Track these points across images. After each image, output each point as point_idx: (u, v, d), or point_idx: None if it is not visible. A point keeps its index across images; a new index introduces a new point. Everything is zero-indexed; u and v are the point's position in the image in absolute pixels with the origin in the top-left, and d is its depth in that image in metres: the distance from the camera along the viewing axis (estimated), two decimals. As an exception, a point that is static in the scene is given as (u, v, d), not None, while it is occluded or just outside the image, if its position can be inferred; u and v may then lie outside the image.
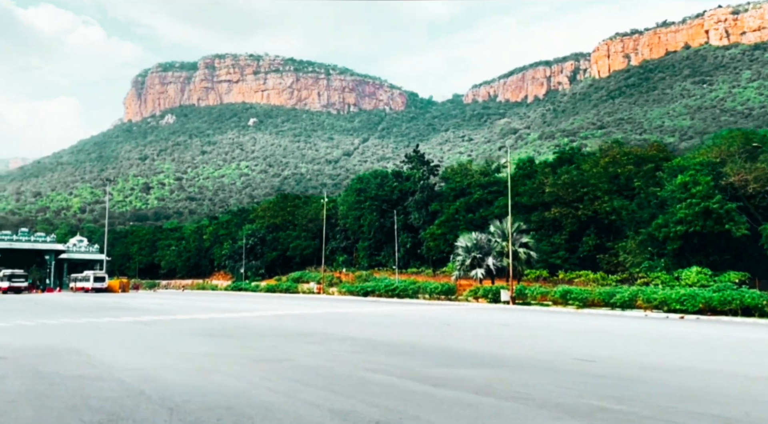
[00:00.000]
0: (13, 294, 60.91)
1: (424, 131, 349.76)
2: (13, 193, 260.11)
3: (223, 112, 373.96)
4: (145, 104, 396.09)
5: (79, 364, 10.04)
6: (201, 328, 18.17)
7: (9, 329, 17.60)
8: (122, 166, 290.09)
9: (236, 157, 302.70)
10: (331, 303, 39.60)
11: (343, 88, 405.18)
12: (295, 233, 74.83)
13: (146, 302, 39.54)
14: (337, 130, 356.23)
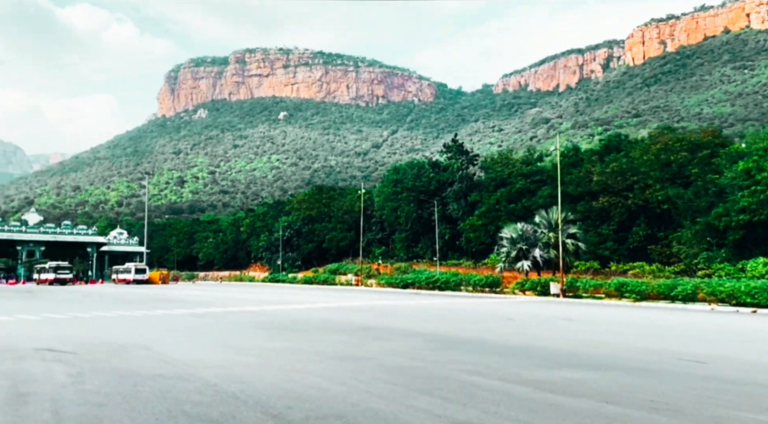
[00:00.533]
0: (59, 285, 62.14)
1: (454, 122, 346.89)
2: (54, 188, 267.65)
3: (253, 106, 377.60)
4: (178, 99, 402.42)
5: (153, 361, 9.48)
6: (257, 321, 17.64)
7: (66, 320, 17.38)
8: (157, 161, 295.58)
9: (267, 150, 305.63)
10: (373, 295, 38.96)
11: (371, 80, 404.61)
12: (331, 225, 74.51)
13: (190, 294, 39.59)
14: (366, 123, 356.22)
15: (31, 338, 12.74)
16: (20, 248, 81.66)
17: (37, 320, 18.01)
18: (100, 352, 10.49)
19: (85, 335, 13.31)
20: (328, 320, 18.07)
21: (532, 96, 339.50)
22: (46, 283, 65.45)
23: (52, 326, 15.89)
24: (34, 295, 38.08)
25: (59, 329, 14.80)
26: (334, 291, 46.81)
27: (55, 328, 15.22)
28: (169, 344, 11.85)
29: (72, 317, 18.92)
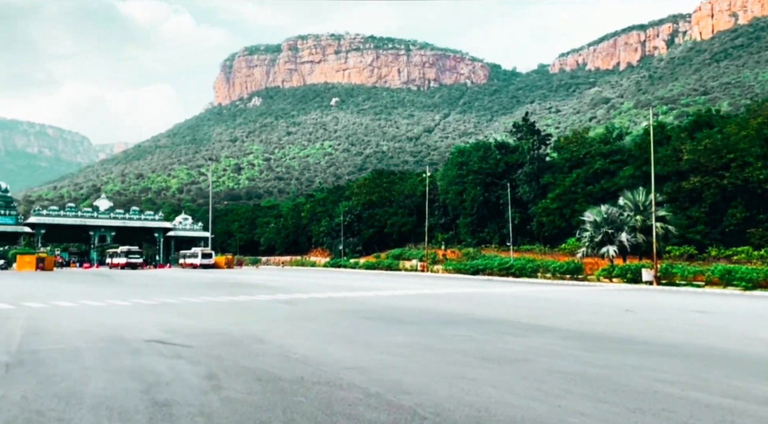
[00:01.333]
0: (130, 269, 63.77)
1: (508, 104, 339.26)
2: (118, 176, 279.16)
3: (306, 93, 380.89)
4: (233, 88, 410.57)
5: (281, 358, 8.24)
6: (352, 309, 16.40)
7: (158, 307, 16.69)
8: (214, 148, 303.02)
9: (320, 137, 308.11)
10: (445, 282, 37.38)
11: (423, 63, 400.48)
12: (392, 210, 73.24)
13: (261, 279, 39.20)
14: (417, 107, 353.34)
15: (132, 326, 11.88)
16: (92, 233, 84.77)
17: (128, 305, 17.43)
18: (216, 345, 9.38)
19: (188, 324, 12.35)
20: (425, 310, 16.62)
21: (590, 75, 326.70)
22: (118, 267, 67.44)
23: (147, 312, 15.15)
24: (112, 279, 38.66)
25: (156, 316, 13.99)
26: (402, 277, 45.54)
27: (151, 315, 14.43)
28: (283, 336, 10.65)
29: (161, 303, 18.28)
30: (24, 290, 25.00)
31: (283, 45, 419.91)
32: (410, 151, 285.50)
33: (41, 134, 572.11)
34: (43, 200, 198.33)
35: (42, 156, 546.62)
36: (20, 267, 57.27)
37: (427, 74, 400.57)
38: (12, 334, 10.56)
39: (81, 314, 14.65)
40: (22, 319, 13.11)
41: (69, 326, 11.82)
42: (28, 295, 21.84)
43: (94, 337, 10.27)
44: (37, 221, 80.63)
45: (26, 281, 34.21)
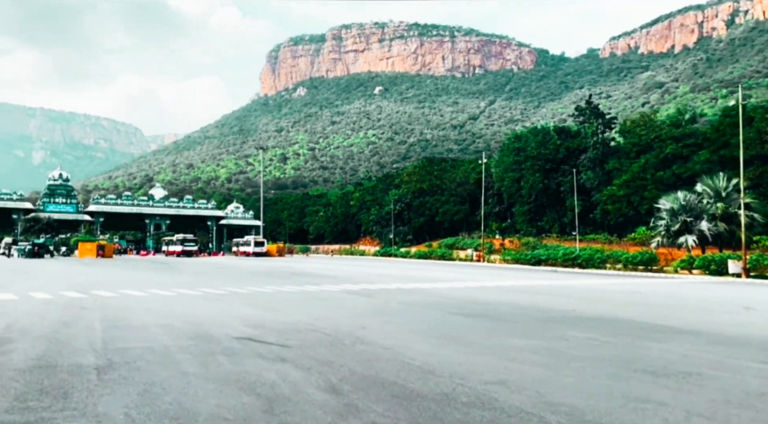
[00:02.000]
0: (185, 257, 64.54)
1: (556, 90, 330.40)
2: (169, 166, 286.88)
3: (350, 82, 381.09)
4: (279, 78, 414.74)
5: (398, 364, 6.99)
6: (433, 303, 15.09)
7: (229, 297, 15.84)
8: (261, 138, 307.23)
9: (363, 126, 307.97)
10: (509, 273, 35.64)
11: (468, 49, 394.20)
12: (444, 198, 71.52)
13: (317, 267, 38.48)
14: (462, 94, 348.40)
15: (213, 320, 10.92)
16: (148, 221, 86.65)
17: (197, 295, 16.67)
18: (315, 345, 8.23)
19: (270, 318, 11.30)
20: (515, 305, 15.13)
21: (643, 59, 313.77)
22: (174, 254, 68.44)
23: (220, 303, 14.27)
24: (172, 266, 38.70)
25: (231, 308, 13.06)
26: (459, 267, 44.01)
27: (225, 306, 13.53)
28: (382, 334, 9.43)
29: (229, 292, 17.47)
30: (90, 278, 24.88)
31: (327, 34, 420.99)
32: (455, 139, 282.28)
33: (97, 126, 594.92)
34: (100, 190, 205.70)
35: (98, 147, 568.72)
36: (82, 254, 58.73)
37: (472, 61, 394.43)
38: (92, 327, 9.74)
39: (154, 304, 13.90)
40: (97, 309, 12.40)
41: (148, 318, 10.97)
42: (95, 283, 21.55)
43: (179, 332, 9.33)
44: (96, 209, 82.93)
45: (90, 268, 34.52)
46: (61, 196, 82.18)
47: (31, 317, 10.97)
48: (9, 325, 9.88)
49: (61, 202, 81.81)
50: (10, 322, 10.24)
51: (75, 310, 12.29)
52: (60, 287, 19.21)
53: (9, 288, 18.30)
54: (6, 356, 7.19)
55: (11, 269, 31.90)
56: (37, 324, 9.97)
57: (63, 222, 79.51)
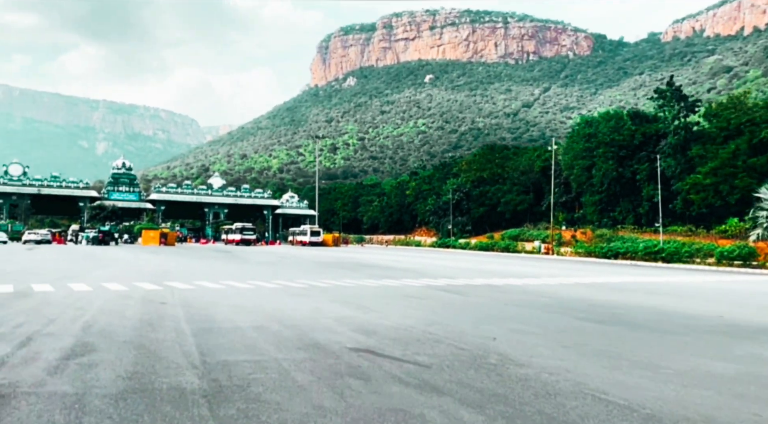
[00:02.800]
0: (244, 246, 64.56)
1: (614, 76, 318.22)
2: (224, 156, 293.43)
3: (399, 71, 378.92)
4: (329, 68, 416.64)
5: (594, 402, 5.18)
6: (543, 304, 13.15)
7: (309, 291, 14.41)
8: (311, 129, 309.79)
9: (413, 115, 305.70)
10: (591, 267, 33.07)
11: (521, 35, 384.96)
12: (506, 187, 68.64)
13: (381, 259, 37.00)
14: (515, 81, 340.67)
15: (314, 323, 9.37)
16: (207, 209, 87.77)
17: (277, 288, 15.32)
18: (457, 365, 6.49)
19: (375, 322, 9.66)
20: (644, 307, 12.97)
21: (709, 42, 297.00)
22: (233, 243, 68.69)
23: (309, 300, 12.80)
24: (235, 255, 38.07)
25: (326, 307, 11.53)
26: (529, 260, 41.57)
27: (318, 304, 12.02)
28: (524, 350, 7.61)
29: (309, 286, 16.06)
30: (159, 266, 24.18)
31: (377, 23, 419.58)
32: (508, 127, 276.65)
33: (155, 118, 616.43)
34: (159, 179, 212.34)
35: (156, 138, 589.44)
36: (145, 241, 59.55)
37: (525, 47, 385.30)
38: (180, 330, 8.37)
39: (236, 299, 12.58)
40: (179, 305, 11.14)
41: (238, 318, 9.54)
42: (166, 272, 20.70)
43: (281, 339, 7.81)
44: (158, 197, 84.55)
45: (156, 256, 34.22)
46: (124, 185, 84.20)
47: (110, 315, 9.76)
48: (88, 324, 8.66)
49: (125, 191, 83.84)
50: (88, 321, 9.03)
51: (155, 306, 11.06)
52: (132, 276, 18.37)
53: (82, 278, 17.55)
54: (92, 371, 5.81)
55: (81, 257, 31.89)
56: (118, 325, 8.70)
57: (126, 210, 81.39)
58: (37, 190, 77.78)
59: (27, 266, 22.70)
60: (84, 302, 11.32)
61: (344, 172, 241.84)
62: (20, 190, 76.75)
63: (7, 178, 77.29)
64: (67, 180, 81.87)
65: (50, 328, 8.23)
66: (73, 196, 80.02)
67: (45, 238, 56.69)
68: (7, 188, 76.17)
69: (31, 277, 17.43)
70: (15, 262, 25.78)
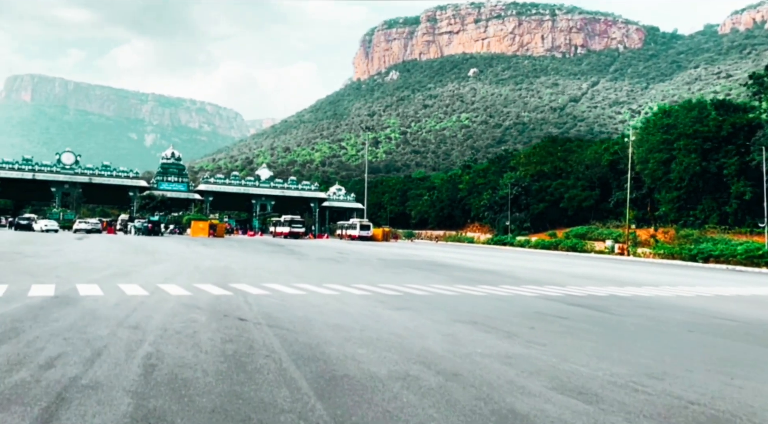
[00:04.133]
0: (293, 239, 62.42)
1: (667, 70, 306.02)
2: (268, 149, 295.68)
3: (443, 64, 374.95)
4: (372, 62, 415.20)
5: None
6: (731, 330, 9.74)
7: (408, 300, 11.39)
8: (353, 123, 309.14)
9: (456, 109, 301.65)
10: (692, 273, 28.96)
11: (569, 28, 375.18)
12: (570, 182, 64.12)
13: (444, 256, 33.78)
14: (562, 75, 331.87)
15: (473, 367, 6.27)
16: (254, 201, 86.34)
17: (367, 296, 12.31)
18: None
19: (563, 368, 6.47)
20: None
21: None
22: (281, 236, 66.76)
23: (421, 317, 9.72)
24: (291, 250, 35.47)
25: (459, 331, 8.42)
26: (604, 261, 37.57)
27: (437, 323, 8.94)
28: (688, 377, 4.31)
29: (406, 294, 13.01)
30: (217, 262, 21.64)
31: (421, 17, 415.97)
32: (554, 122, 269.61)
33: (201, 111, 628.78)
34: (204, 171, 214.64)
35: (202, 131, 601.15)
36: (194, 233, 58.04)
37: (573, 40, 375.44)
38: (291, 381, 5.34)
39: (332, 315, 9.62)
40: (266, 326, 8.22)
41: (363, 357, 6.46)
42: (226, 269, 18.07)
43: (465, 411, 4.74)
44: (206, 188, 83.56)
45: (209, 249, 31.95)
46: (173, 175, 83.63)
47: (178, 342, 6.89)
48: (150, 364, 5.77)
49: (174, 181, 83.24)
50: (149, 353, 6.17)
51: (233, 324, 8.19)
52: (191, 275, 15.76)
53: (134, 275, 15.02)
54: None
55: (132, 248, 29.85)
56: (193, 365, 5.78)
57: (175, 200, 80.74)
58: (89, 179, 77.78)
59: (74, 259, 20.53)
60: (140, 316, 8.58)
61: (387, 166, 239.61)
62: (72, 178, 76.86)
63: (59, 166, 77.54)
64: (117, 170, 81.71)
65: (95, 372, 5.38)
66: (124, 185, 79.81)
67: (95, 227, 55.92)
68: (60, 177, 76.35)
69: (78, 273, 15.04)
70: (63, 253, 23.78)
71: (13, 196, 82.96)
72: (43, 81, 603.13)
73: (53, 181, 75.77)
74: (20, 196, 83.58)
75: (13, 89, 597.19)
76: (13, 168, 74.73)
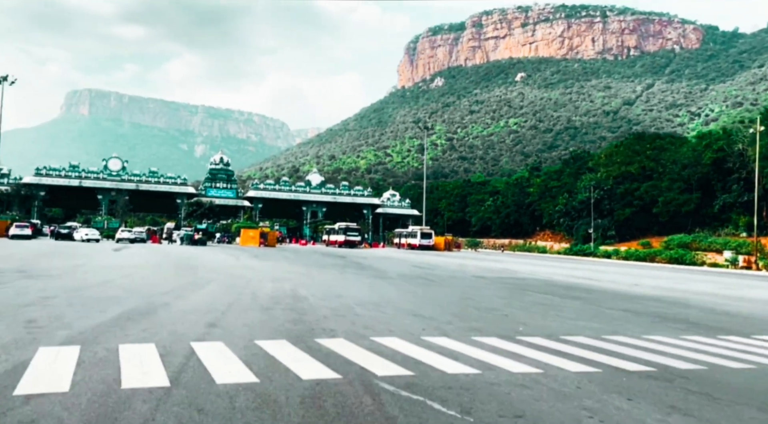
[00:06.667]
0: (348, 248, 56.85)
1: (728, 70, 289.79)
2: (313, 157, 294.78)
3: (489, 69, 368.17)
4: (416, 70, 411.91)
5: None
6: None
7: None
8: (398, 130, 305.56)
9: (504, 114, 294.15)
10: None
11: (621, 30, 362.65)
12: (664, 184, 55.96)
13: (548, 271, 27.13)
14: (614, 78, 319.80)
15: None
16: (305, 208, 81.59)
17: (645, 372, 6.06)
18: None
19: None
20: None
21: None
22: (336, 244, 61.34)
23: None
24: (357, 263, 29.41)
25: None
26: (734, 278, 30.05)
27: None
28: None
29: (609, 351, 6.72)
30: (280, 285, 15.80)
31: (467, 22, 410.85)
32: (607, 126, 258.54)
33: (249, 121, 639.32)
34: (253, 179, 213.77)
35: (249, 141, 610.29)
36: (244, 241, 53.14)
37: (626, 42, 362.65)
38: None
39: None
40: None
41: None
42: (296, 299, 12.17)
43: None
44: (255, 194, 79.43)
45: (264, 263, 26.31)
46: (221, 181, 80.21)
47: None
48: None
49: (222, 187, 79.76)
50: None
51: None
52: (246, 313, 9.89)
53: (158, 317, 9.23)
54: None
55: (171, 263, 24.49)
56: None
57: (223, 208, 77.11)
58: (136, 186, 74.78)
59: (90, 281, 15.12)
60: None
61: (434, 173, 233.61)
62: (119, 185, 74.02)
63: (106, 173, 74.86)
64: (164, 176, 78.63)
65: None
66: (171, 192, 76.62)
67: (140, 236, 51.86)
68: (106, 184, 73.56)
69: (73, 311, 9.42)
70: (83, 270, 18.54)
71: (63, 205, 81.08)
72: (99, 95, 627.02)
73: (100, 188, 73.02)
74: (69, 205, 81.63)
75: (73, 104, 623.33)
76: (60, 175, 72.42)
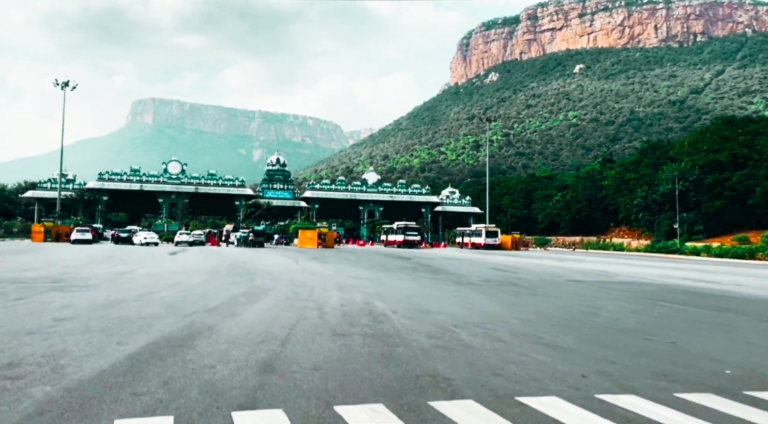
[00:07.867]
0: (408, 248, 53.97)
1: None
2: (367, 158, 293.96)
3: (546, 62, 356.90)
4: (470, 66, 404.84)
5: None
6: None
7: None
8: (452, 127, 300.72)
9: (563, 107, 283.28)
10: None
11: (686, 15, 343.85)
12: (761, 172, 49.93)
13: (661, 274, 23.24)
14: (680, 66, 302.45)
15: None
16: (362, 208, 79.54)
17: None
18: None
19: None
20: None
21: None
22: (394, 244, 58.64)
23: None
24: (430, 267, 26.39)
25: None
26: None
27: None
28: None
29: None
30: (349, 296, 13.03)
31: (521, 15, 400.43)
32: (674, 116, 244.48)
33: (303, 125, 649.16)
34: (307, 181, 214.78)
35: (304, 144, 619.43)
36: (302, 243, 51.22)
37: (692, 28, 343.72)
38: None
39: None
40: None
41: None
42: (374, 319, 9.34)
43: None
44: (312, 195, 78.06)
45: (326, 266, 23.75)
46: (278, 182, 79.53)
47: None
48: None
49: (279, 188, 79.07)
50: None
51: None
52: (314, 338, 7.13)
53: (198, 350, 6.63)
54: None
55: (226, 267, 22.29)
56: None
57: (280, 209, 76.31)
58: (195, 189, 74.93)
59: (134, 291, 12.91)
60: None
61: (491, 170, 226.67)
62: (179, 188, 74.40)
63: (166, 176, 75.37)
64: (223, 178, 78.60)
65: None
66: (229, 194, 76.50)
67: (198, 239, 50.91)
68: (166, 187, 74.01)
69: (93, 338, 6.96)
70: (129, 279, 16.49)
71: (126, 209, 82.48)
72: (162, 104, 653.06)
73: (160, 192, 73.62)
74: (131, 209, 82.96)
75: (138, 113, 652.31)
76: (122, 179, 73.44)
